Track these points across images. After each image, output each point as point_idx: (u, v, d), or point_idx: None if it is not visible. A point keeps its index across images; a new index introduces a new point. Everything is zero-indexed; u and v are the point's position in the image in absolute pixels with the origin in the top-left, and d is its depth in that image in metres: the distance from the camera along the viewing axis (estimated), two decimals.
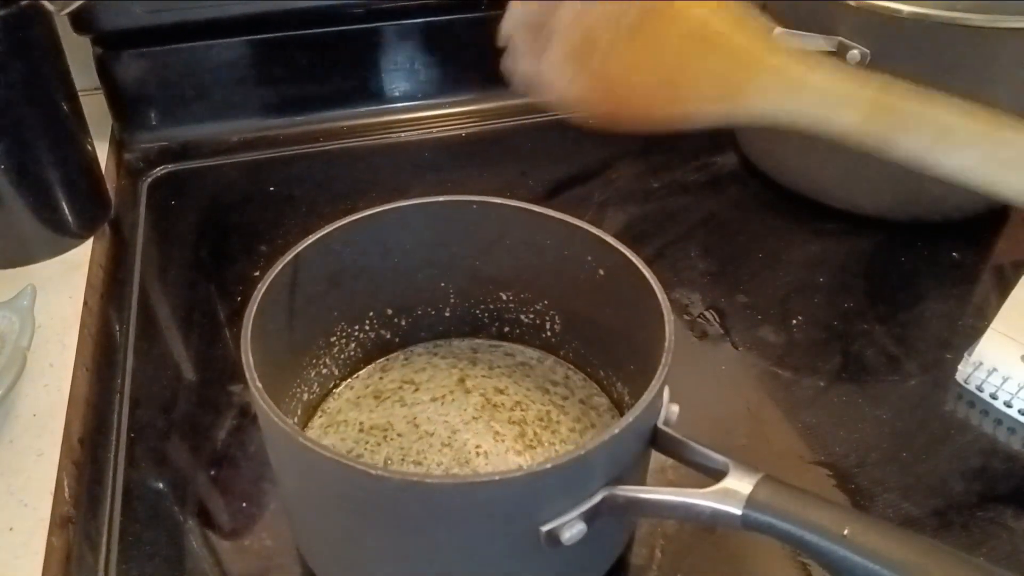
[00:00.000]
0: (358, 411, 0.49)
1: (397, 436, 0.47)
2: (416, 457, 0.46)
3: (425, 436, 0.47)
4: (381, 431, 0.47)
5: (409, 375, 0.51)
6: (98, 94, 0.75)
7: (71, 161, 0.62)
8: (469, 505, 0.35)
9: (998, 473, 0.49)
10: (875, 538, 0.33)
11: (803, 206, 0.68)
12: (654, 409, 0.38)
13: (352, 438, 0.47)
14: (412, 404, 0.49)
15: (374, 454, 0.46)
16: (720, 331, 0.58)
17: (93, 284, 0.60)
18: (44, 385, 0.52)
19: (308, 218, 0.68)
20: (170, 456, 0.50)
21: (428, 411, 0.48)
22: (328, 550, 0.42)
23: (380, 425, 0.47)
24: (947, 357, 0.55)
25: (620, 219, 0.69)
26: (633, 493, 0.37)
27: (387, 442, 0.47)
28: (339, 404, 0.49)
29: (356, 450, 0.46)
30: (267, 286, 0.42)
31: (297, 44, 0.77)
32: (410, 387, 0.50)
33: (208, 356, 0.57)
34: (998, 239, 0.68)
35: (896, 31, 0.59)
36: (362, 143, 0.78)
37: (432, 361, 0.52)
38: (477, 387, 0.50)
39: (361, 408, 0.49)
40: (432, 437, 0.47)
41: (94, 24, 0.71)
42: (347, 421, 0.48)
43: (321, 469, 0.35)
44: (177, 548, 0.45)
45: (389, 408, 0.49)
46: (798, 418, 0.52)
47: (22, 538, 0.44)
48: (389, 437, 0.47)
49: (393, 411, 0.48)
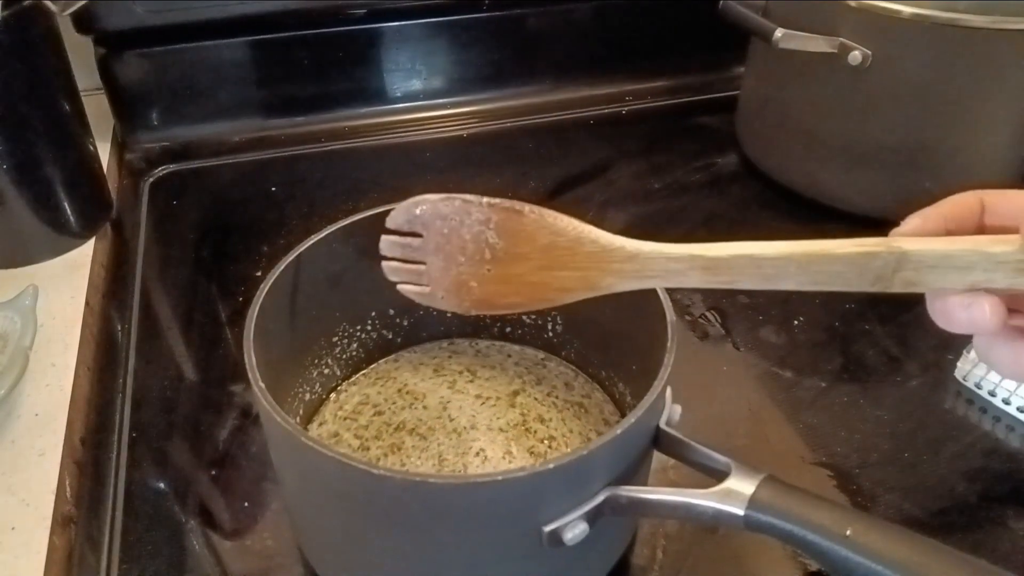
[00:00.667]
0: (358, 411, 0.49)
1: (397, 437, 0.47)
2: (416, 457, 0.46)
3: (425, 436, 0.47)
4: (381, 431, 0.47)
5: (410, 375, 0.51)
6: (100, 94, 0.76)
7: (73, 161, 0.62)
8: (471, 505, 0.35)
9: (998, 473, 0.49)
10: (877, 538, 0.33)
11: (803, 206, 0.69)
12: (656, 410, 0.38)
13: (352, 438, 0.47)
14: (412, 404, 0.49)
15: (374, 454, 0.46)
16: (721, 332, 0.58)
17: (95, 284, 0.60)
18: (46, 385, 0.52)
19: (310, 218, 0.68)
20: (172, 456, 0.50)
21: (428, 411, 0.48)
22: (330, 550, 0.42)
23: (362, 452, 0.47)
24: (948, 358, 0.55)
25: (621, 219, 0.69)
26: (635, 493, 0.37)
27: (387, 443, 0.47)
28: (339, 404, 0.49)
29: (357, 451, 0.46)
30: (269, 286, 0.42)
31: (298, 44, 0.77)
32: (410, 387, 0.50)
33: (210, 356, 0.57)
34: None
35: (896, 32, 0.59)
36: (364, 143, 0.78)
37: (433, 361, 0.52)
38: (477, 388, 0.50)
39: (361, 408, 0.49)
40: (432, 437, 0.47)
41: (96, 24, 0.71)
42: (347, 422, 0.48)
43: (323, 468, 0.35)
44: (178, 548, 0.45)
45: (389, 408, 0.49)
46: (799, 419, 0.52)
47: (24, 537, 0.44)
48: (389, 437, 0.47)
49: (393, 411, 0.48)
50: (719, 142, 0.77)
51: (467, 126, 0.81)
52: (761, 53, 0.71)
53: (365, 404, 0.49)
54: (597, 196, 0.71)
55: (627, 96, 0.84)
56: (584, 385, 0.50)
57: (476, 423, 0.47)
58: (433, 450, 0.46)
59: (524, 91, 0.83)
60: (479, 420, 0.47)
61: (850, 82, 0.62)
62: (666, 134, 0.80)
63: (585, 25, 0.83)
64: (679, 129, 0.81)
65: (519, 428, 0.47)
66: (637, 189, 0.72)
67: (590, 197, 0.71)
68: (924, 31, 0.58)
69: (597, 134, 0.80)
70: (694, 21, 0.82)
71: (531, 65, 0.84)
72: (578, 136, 0.80)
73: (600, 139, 0.79)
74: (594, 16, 0.83)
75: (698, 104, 0.84)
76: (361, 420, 0.48)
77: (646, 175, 0.74)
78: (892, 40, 0.60)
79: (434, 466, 0.45)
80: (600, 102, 0.83)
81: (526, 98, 0.83)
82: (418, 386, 0.50)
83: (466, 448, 0.46)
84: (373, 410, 0.49)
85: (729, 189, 0.72)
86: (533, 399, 0.49)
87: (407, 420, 0.48)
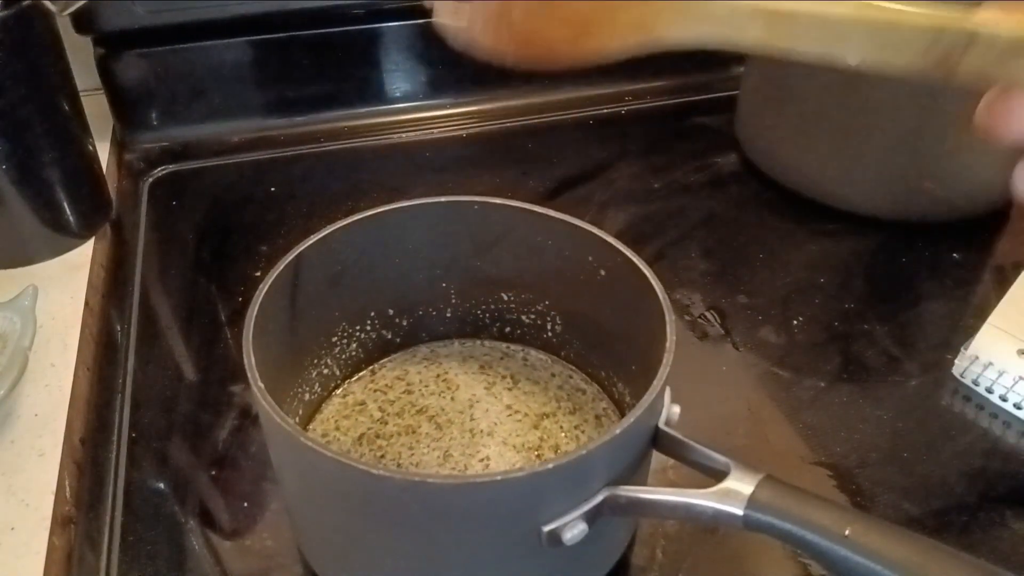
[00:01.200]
0: (358, 411, 0.49)
1: (416, 420, 0.47)
2: (425, 445, 0.46)
3: (441, 427, 0.47)
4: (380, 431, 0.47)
5: (456, 365, 0.51)
6: (99, 94, 0.76)
7: (72, 161, 0.62)
8: (470, 505, 0.35)
9: (997, 472, 0.49)
10: (876, 538, 0.33)
11: (803, 206, 0.69)
12: (655, 409, 0.38)
13: (376, 410, 0.48)
14: (443, 393, 0.49)
15: (390, 429, 0.46)
16: (721, 331, 0.58)
17: (94, 284, 0.60)
18: (45, 385, 0.52)
19: (309, 218, 0.68)
20: (171, 456, 0.50)
21: (455, 404, 0.48)
22: (329, 550, 0.42)
23: (380, 425, 0.47)
24: (947, 358, 0.55)
25: (621, 219, 0.69)
26: (634, 493, 0.37)
27: (386, 441, 0.47)
28: (339, 404, 0.49)
29: (356, 450, 0.46)
30: (268, 286, 0.42)
31: (298, 44, 0.77)
32: (449, 376, 0.50)
33: (209, 356, 0.57)
34: (998, 239, 0.68)
35: None
36: (363, 143, 0.78)
37: (483, 358, 0.52)
38: (511, 398, 0.49)
39: (361, 408, 0.49)
40: (447, 430, 0.47)
41: (95, 24, 0.71)
42: (376, 393, 0.48)
43: (322, 469, 0.35)
44: (178, 548, 0.45)
45: (420, 390, 0.49)
46: (799, 418, 0.52)
47: (23, 538, 0.44)
48: (409, 417, 0.48)
49: (423, 394, 0.49)
50: (718, 142, 0.77)
51: (467, 126, 0.81)
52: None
53: (401, 380, 0.50)
54: (597, 196, 0.71)
55: (627, 96, 0.84)
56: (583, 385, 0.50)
57: (494, 431, 0.47)
58: (443, 443, 0.46)
59: (524, 91, 0.83)
60: (498, 430, 0.47)
61: (849, 82, 0.62)
62: (666, 134, 0.80)
63: None
64: (679, 129, 0.81)
65: (531, 451, 0.47)
66: (637, 189, 0.72)
67: (590, 197, 0.71)
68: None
69: (597, 134, 0.80)
70: None
71: None
72: (578, 136, 0.80)
73: (600, 139, 0.79)
74: None
75: (698, 104, 0.84)
76: (390, 395, 0.49)
77: (646, 175, 0.74)
78: None
79: (438, 458, 0.45)
80: (600, 102, 0.83)
81: (526, 98, 0.83)
82: (457, 377, 0.50)
83: (474, 451, 0.46)
84: (405, 387, 0.49)
85: (729, 189, 0.72)
86: (559, 426, 0.48)
87: (431, 406, 0.48)
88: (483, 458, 0.46)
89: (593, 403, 0.50)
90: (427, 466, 0.46)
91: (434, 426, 0.47)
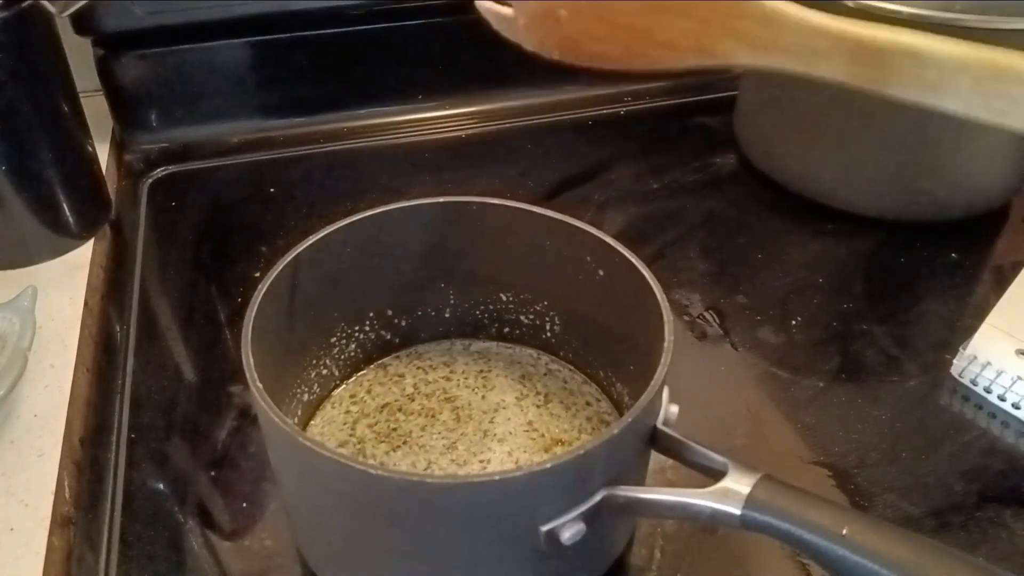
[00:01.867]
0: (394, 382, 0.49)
1: (440, 406, 0.48)
2: (436, 432, 0.47)
3: (460, 420, 0.48)
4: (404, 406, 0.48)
5: (501, 366, 0.51)
6: (99, 95, 0.76)
7: (72, 162, 0.62)
8: (468, 505, 0.35)
9: (996, 472, 0.49)
10: (874, 538, 0.33)
11: (803, 206, 0.69)
12: (653, 409, 0.38)
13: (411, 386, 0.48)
14: (476, 389, 0.49)
15: (415, 406, 0.47)
16: (719, 332, 0.58)
17: (94, 285, 0.60)
18: (45, 386, 0.52)
19: (308, 219, 0.68)
20: (170, 456, 0.50)
21: (483, 403, 0.49)
22: (328, 550, 0.42)
23: (407, 400, 0.48)
24: (946, 358, 0.55)
25: (620, 220, 0.69)
26: (632, 493, 0.37)
27: (404, 416, 0.48)
28: (339, 404, 0.49)
29: (374, 416, 0.48)
30: (267, 287, 0.42)
31: (297, 45, 0.77)
32: (488, 375, 0.50)
33: (208, 357, 0.57)
34: (998, 239, 0.68)
35: None
36: (362, 144, 0.78)
37: (528, 368, 0.52)
38: (536, 415, 0.49)
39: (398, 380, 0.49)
40: (465, 424, 0.47)
41: (95, 25, 0.71)
42: (380, 388, 0.49)
43: (321, 469, 0.35)
44: (177, 548, 0.45)
45: (458, 382, 0.50)
46: (797, 418, 0.52)
47: (23, 538, 0.44)
48: (436, 402, 0.48)
49: (458, 387, 0.49)
50: (718, 142, 0.77)
51: (467, 126, 0.81)
52: None
53: (446, 366, 0.51)
54: (596, 196, 0.71)
55: (625, 97, 0.84)
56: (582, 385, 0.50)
57: (506, 440, 0.47)
58: (455, 435, 0.47)
59: (524, 91, 0.83)
60: (511, 442, 0.47)
61: None
62: (665, 134, 0.80)
63: None
64: (678, 129, 0.81)
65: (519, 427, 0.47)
66: (636, 189, 0.72)
67: (589, 197, 0.71)
68: (923, 31, 0.58)
69: (596, 134, 0.80)
70: None
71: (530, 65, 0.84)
72: (577, 136, 0.80)
73: (599, 140, 0.79)
74: None
75: (697, 104, 0.84)
76: (430, 375, 0.50)
77: (645, 175, 0.74)
78: None
79: (443, 447, 0.46)
80: (599, 103, 0.83)
81: (525, 98, 0.83)
82: (497, 379, 0.51)
83: (479, 451, 0.46)
84: (448, 372, 0.50)
85: (728, 189, 0.72)
86: (532, 400, 0.49)
87: (460, 397, 0.49)
88: (484, 460, 0.46)
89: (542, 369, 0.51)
90: (430, 451, 0.46)
91: (454, 417, 0.48)
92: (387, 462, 0.46)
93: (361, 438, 0.47)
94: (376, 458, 0.46)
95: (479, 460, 0.46)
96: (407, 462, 0.46)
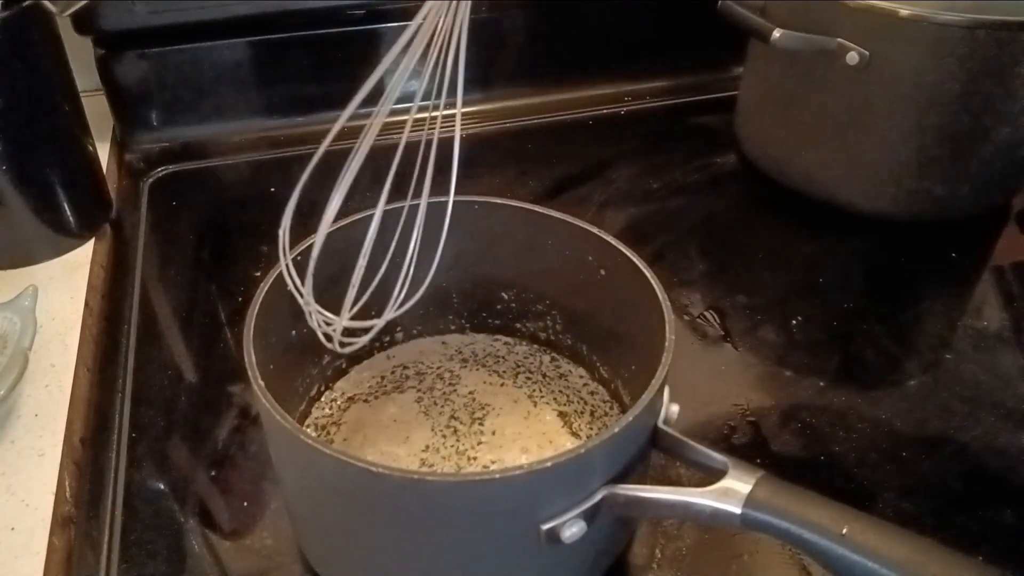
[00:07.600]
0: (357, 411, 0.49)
1: (462, 403, 0.48)
2: (430, 416, 0.47)
3: (480, 420, 0.48)
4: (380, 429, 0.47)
5: (410, 375, 0.51)
6: (99, 95, 0.76)
7: (72, 162, 0.62)
8: (469, 503, 0.35)
9: (996, 472, 0.49)
10: (874, 537, 0.33)
11: (803, 206, 0.69)
12: (654, 408, 0.38)
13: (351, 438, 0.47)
14: (412, 402, 0.49)
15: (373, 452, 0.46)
16: (720, 331, 0.58)
17: (94, 285, 0.60)
18: (45, 385, 0.52)
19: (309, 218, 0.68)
20: (171, 456, 0.50)
21: (515, 407, 0.49)
22: (329, 548, 0.42)
23: (380, 423, 0.48)
24: (946, 357, 0.55)
25: (620, 219, 0.69)
26: (633, 492, 0.37)
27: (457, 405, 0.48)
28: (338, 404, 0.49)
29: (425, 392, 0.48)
30: (268, 286, 0.42)
31: (298, 45, 0.77)
32: (408, 387, 0.50)
33: (209, 356, 0.57)
34: (998, 239, 0.68)
35: (895, 32, 0.59)
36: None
37: (433, 360, 0.52)
38: (476, 386, 0.50)
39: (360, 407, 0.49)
40: (483, 424, 0.47)
41: (96, 25, 0.71)
42: (346, 421, 0.48)
43: (322, 467, 0.36)
44: (178, 548, 0.45)
45: (490, 384, 0.50)
46: (797, 418, 0.52)
47: (23, 538, 0.44)
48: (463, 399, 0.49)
49: (489, 390, 0.49)
50: (718, 142, 0.77)
51: (467, 126, 0.81)
52: (760, 53, 0.71)
53: (448, 364, 0.51)
54: (596, 196, 0.71)
55: (626, 96, 0.84)
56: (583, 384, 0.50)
57: (506, 439, 0.47)
58: (455, 433, 0.47)
59: (524, 91, 0.83)
60: (512, 441, 0.47)
61: (848, 82, 0.62)
62: (665, 134, 0.80)
63: (584, 25, 0.84)
64: (678, 129, 0.81)
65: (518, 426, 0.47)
66: (636, 189, 0.72)
67: (589, 197, 0.71)
68: (922, 31, 0.58)
69: (596, 134, 0.80)
70: (693, 21, 0.82)
71: (530, 65, 0.84)
72: (577, 136, 0.80)
73: (599, 139, 0.79)
74: (593, 16, 0.83)
75: (697, 104, 0.84)
76: (431, 374, 0.50)
77: (645, 175, 0.74)
78: (890, 40, 0.60)
79: (445, 445, 0.46)
80: (599, 102, 0.83)
81: (525, 98, 0.83)
82: (495, 378, 0.51)
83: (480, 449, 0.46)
84: (448, 369, 0.51)
85: (728, 189, 0.73)
86: (533, 399, 0.49)
87: (459, 395, 0.49)
88: (484, 458, 0.46)
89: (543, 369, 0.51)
90: (432, 427, 0.47)
91: (454, 415, 0.48)
92: (387, 460, 0.46)
93: (361, 436, 0.47)
94: (376, 456, 0.46)
95: (479, 458, 0.46)
96: (407, 460, 0.46)
